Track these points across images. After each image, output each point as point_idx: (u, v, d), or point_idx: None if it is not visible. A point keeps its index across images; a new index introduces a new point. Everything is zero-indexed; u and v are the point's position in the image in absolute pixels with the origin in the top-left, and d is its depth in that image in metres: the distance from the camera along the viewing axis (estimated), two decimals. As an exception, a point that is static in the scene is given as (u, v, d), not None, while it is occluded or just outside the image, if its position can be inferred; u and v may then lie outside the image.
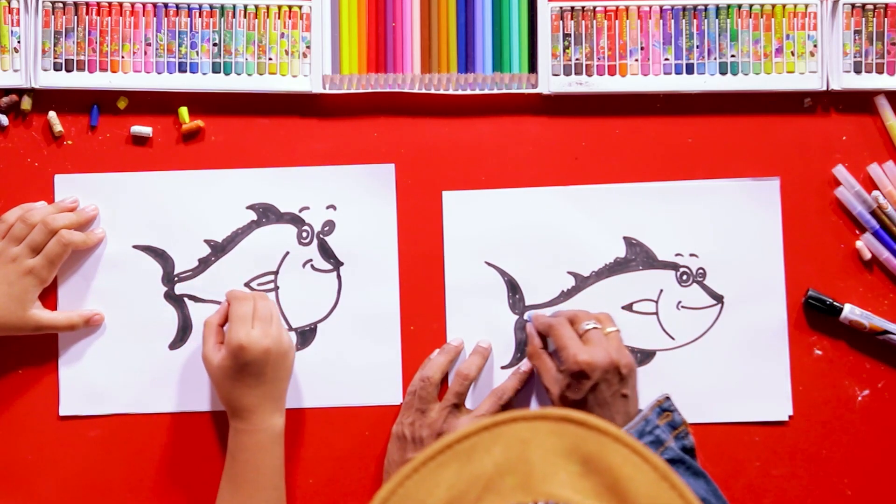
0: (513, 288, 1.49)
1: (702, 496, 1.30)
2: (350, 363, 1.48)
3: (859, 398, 1.48)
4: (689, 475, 1.32)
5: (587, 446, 0.90)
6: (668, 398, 1.37)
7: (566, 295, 1.49)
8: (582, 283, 1.49)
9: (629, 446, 0.90)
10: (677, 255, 1.49)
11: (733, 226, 1.49)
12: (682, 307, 1.49)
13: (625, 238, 1.49)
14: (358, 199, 1.49)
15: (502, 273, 1.49)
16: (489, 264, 1.49)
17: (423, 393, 1.43)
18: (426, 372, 1.45)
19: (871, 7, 1.49)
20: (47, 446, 1.47)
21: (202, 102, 1.49)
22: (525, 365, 1.47)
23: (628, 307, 1.49)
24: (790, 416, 1.47)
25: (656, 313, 1.49)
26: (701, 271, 1.49)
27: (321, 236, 1.49)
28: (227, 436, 1.43)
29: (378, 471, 1.46)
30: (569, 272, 1.49)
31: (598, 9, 1.49)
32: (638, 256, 1.49)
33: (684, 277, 1.49)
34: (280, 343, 1.38)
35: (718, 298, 1.49)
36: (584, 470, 0.89)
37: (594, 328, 1.38)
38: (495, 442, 0.91)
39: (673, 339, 1.49)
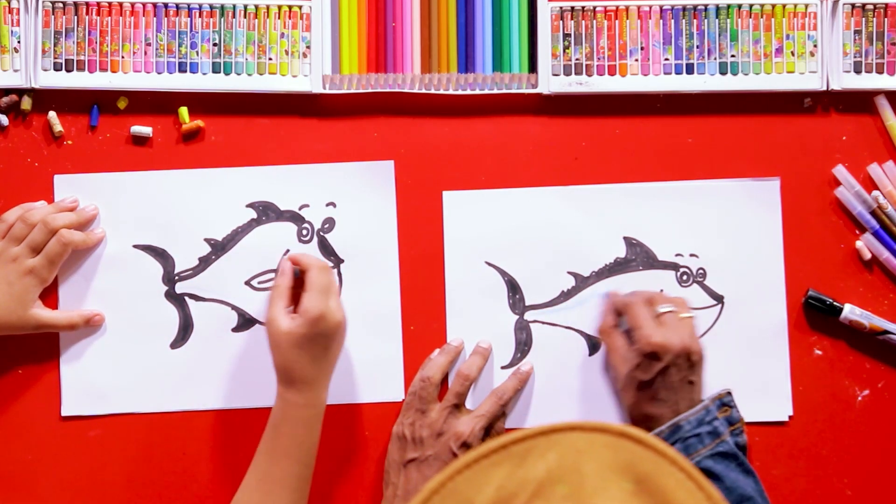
0: (513, 288, 1.49)
1: (749, 494, 1.32)
2: (352, 360, 1.48)
3: (859, 398, 1.48)
4: (740, 472, 1.34)
5: (643, 465, 0.90)
6: (729, 393, 1.39)
7: (566, 295, 1.49)
8: (582, 283, 1.49)
9: (685, 471, 0.89)
10: (677, 255, 1.50)
11: (733, 226, 1.49)
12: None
13: (625, 238, 1.50)
14: (358, 196, 1.49)
15: (502, 273, 1.49)
16: (489, 264, 1.49)
17: (424, 393, 1.44)
18: (426, 372, 1.45)
19: (871, 7, 1.49)
20: (48, 446, 1.47)
21: (202, 102, 1.49)
22: (526, 365, 1.48)
23: None
24: (790, 417, 1.47)
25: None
26: (701, 271, 1.49)
27: (321, 234, 1.49)
28: (230, 433, 1.45)
29: (379, 470, 1.47)
30: (569, 272, 1.49)
31: (598, 9, 1.49)
32: (638, 256, 1.49)
33: (684, 278, 1.49)
34: (345, 320, 1.39)
35: (718, 299, 1.49)
36: (637, 489, 0.88)
37: (670, 311, 1.39)
38: (551, 448, 0.91)
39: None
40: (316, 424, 1.38)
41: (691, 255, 1.50)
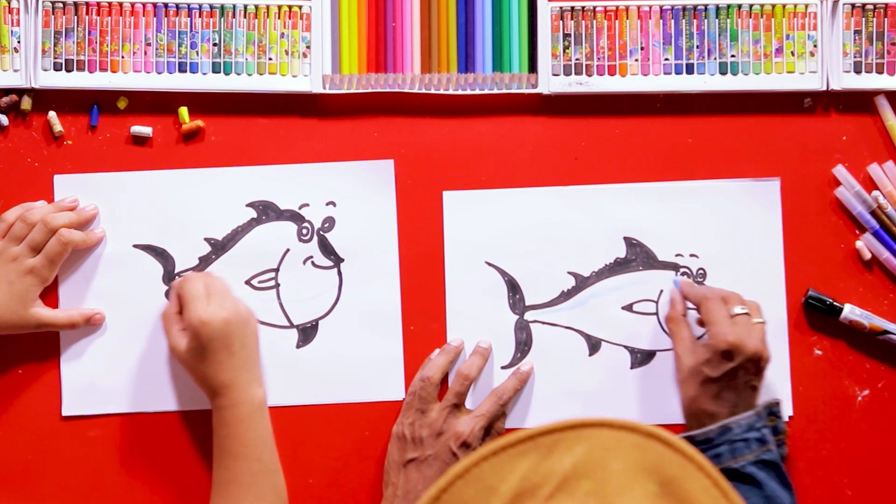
0: (513, 288, 1.49)
1: None
2: (352, 359, 1.49)
3: (859, 398, 1.49)
4: (779, 483, 1.34)
5: (669, 468, 0.89)
6: (778, 403, 1.39)
7: (566, 295, 1.50)
8: (582, 283, 1.50)
9: (711, 477, 0.89)
10: (677, 255, 1.50)
11: (734, 226, 1.50)
12: (683, 278, 1.50)
13: (625, 238, 1.50)
14: (358, 195, 1.50)
15: (502, 273, 1.50)
16: (489, 264, 1.50)
17: (423, 393, 1.44)
18: (426, 372, 1.46)
19: (871, 7, 1.49)
20: (48, 446, 1.47)
21: (202, 102, 1.50)
22: (526, 365, 1.48)
23: (628, 307, 1.50)
24: (790, 417, 1.48)
25: (656, 314, 1.50)
26: (701, 272, 1.50)
27: (321, 233, 1.50)
28: None
29: (379, 470, 1.47)
30: (569, 272, 1.50)
31: (598, 9, 1.50)
32: (638, 257, 1.50)
33: (685, 278, 1.50)
34: (238, 312, 1.40)
35: None
36: (662, 491, 0.88)
37: (745, 314, 1.39)
38: (579, 442, 0.91)
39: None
40: (253, 420, 1.39)
41: (691, 255, 1.50)
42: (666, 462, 0.89)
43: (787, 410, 1.47)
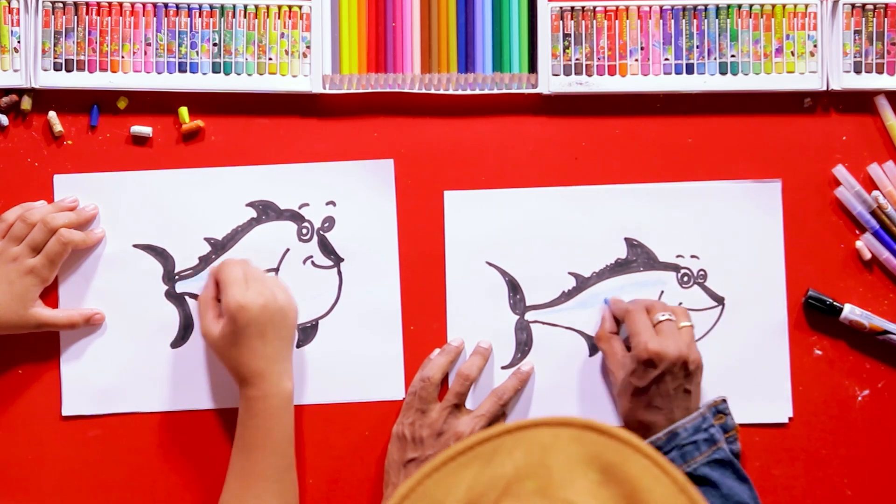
0: (513, 288, 1.50)
1: (745, 501, 1.34)
2: (352, 359, 1.49)
3: (859, 398, 1.49)
4: (735, 479, 1.35)
5: (608, 455, 0.91)
6: (724, 401, 1.40)
7: (567, 295, 1.50)
8: (583, 283, 1.50)
9: (649, 457, 0.91)
10: (678, 256, 1.51)
11: (734, 228, 1.50)
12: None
13: (626, 239, 1.50)
14: (357, 194, 1.50)
15: (503, 273, 1.50)
16: (490, 264, 1.50)
17: (424, 393, 1.45)
18: (426, 372, 1.46)
19: (871, 7, 1.50)
20: (48, 446, 1.48)
21: (202, 102, 1.50)
22: (526, 365, 1.48)
23: None
24: (790, 418, 1.48)
25: None
26: (702, 273, 1.50)
27: (321, 232, 1.50)
28: (231, 432, 1.45)
29: (379, 470, 1.47)
30: (570, 273, 1.50)
31: (598, 9, 1.50)
32: (639, 257, 1.50)
33: (685, 279, 1.50)
34: (276, 300, 1.39)
35: (719, 300, 1.50)
36: (604, 479, 0.90)
37: (668, 320, 1.40)
38: (517, 446, 0.93)
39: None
40: (282, 413, 1.38)
41: (692, 256, 1.50)
42: (604, 450, 0.92)
43: (786, 407, 1.48)
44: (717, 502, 1.33)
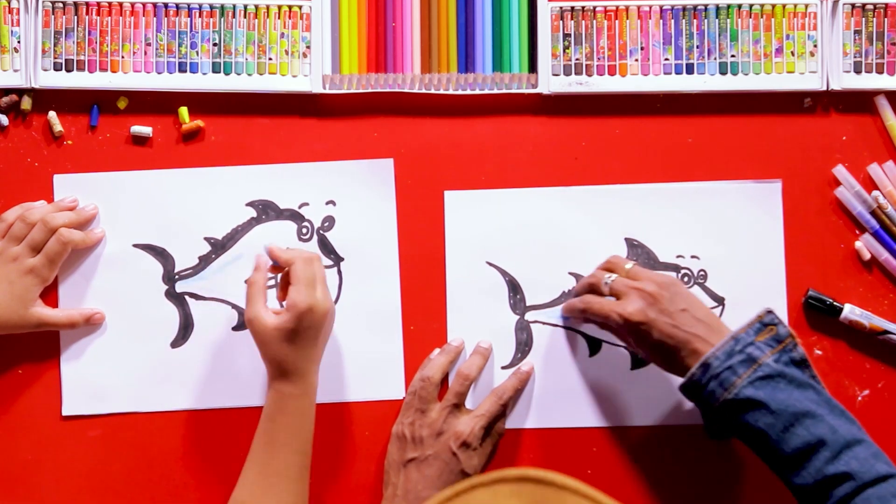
0: (513, 288, 1.50)
1: (804, 409, 1.27)
2: (352, 358, 1.50)
3: (859, 398, 1.49)
4: (792, 387, 1.29)
5: (548, 503, 0.92)
6: (769, 312, 1.34)
7: (567, 295, 1.50)
8: None
9: (588, 497, 0.91)
10: (678, 256, 1.51)
11: (735, 228, 1.51)
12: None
13: (626, 239, 1.51)
14: (357, 194, 1.51)
15: (503, 273, 1.50)
16: (490, 264, 1.50)
17: (424, 393, 1.45)
18: (426, 372, 1.46)
19: (871, 7, 1.50)
20: (48, 446, 1.48)
21: (202, 102, 1.51)
22: (526, 365, 1.49)
23: None
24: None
25: None
26: (702, 273, 1.50)
27: (321, 232, 1.51)
28: (231, 431, 1.46)
29: (379, 470, 1.48)
30: (570, 273, 1.51)
31: (598, 9, 1.51)
32: (639, 258, 1.50)
33: (685, 279, 1.50)
34: (333, 306, 1.40)
35: (720, 300, 1.50)
36: None
37: (613, 279, 1.40)
38: None
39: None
40: (310, 412, 1.39)
41: (692, 256, 1.51)
42: (542, 499, 0.92)
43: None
44: (768, 420, 1.28)
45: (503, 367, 1.50)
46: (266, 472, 1.37)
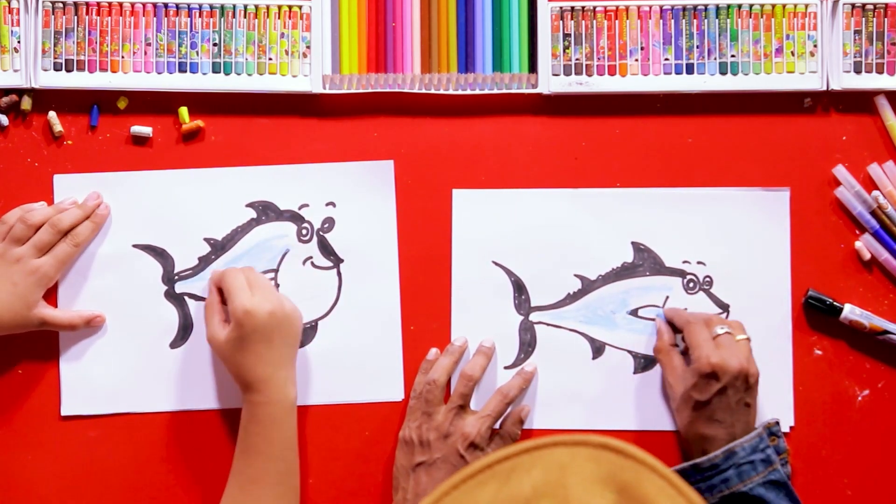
0: (519, 288, 1.53)
1: None
2: (352, 360, 1.52)
3: (859, 398, 1.51)
4: (788, 500, 1.39)
5: (624, 475, 0.93)
6: (777, 423, 1.45)
7: (572, 297, 1.53)
8: (588, 286, 1.53)
9: (665, 478, 0.93)
10: (685, 262, 1.53)
11: (742, 236, 1.53)
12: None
13: (633, 243, 1.53)
14: (357, 195, 1.52)
15: (509, 273, 1.53)
16: (496, 264, 1.53)
17: (430, 396, 1.47)
18: (431, 375, 1.48)
19: (871, 7, 1.52)
20: (48, 446, 1.50)
21: (202, 102, 1.53)
22: (530, 365, 1.51)
23: (634, 312, 1.53)
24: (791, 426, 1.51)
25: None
26: (708, 279, 1.53)
27: (321, 233, 1.53)
28: (230, 432, 1.48)
29: (378, 470, 1.50)
30: (576, 275, 1.53)
31: (598, 9, 1.52)
32: (645, 262, 1.53)
33: (691, 285, 1.53)
34: (282, 306, 1.42)
35: (724, 307, 1.53)
36: (620, 498, 0.92)
37: (727, 333, 1.43)
38: (535, 465, 0.95)
39: (677, 346, 1.51)
40: (285, 419, 1.41)
41: (698, 262, 1.53)
42: (620, 469, 0.94)
43: (788, 416, 1.50)
44: None
45: (506, 368, 1.53)
46: (243, 481, 1.41)
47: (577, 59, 1.53)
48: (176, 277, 1.53)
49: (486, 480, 0.96)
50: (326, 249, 1.54)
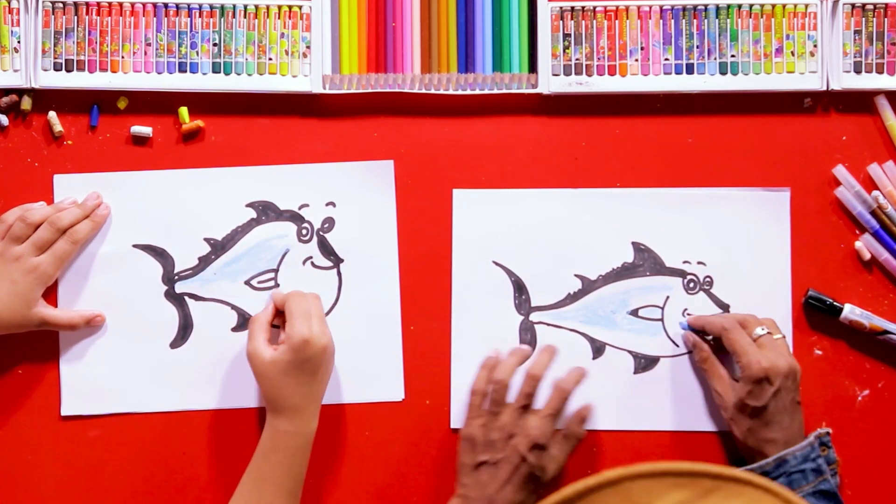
0: (519, 288, 1.53)
1: None
2: (352, 359, 1.52)
3: (859, 398, 1.52)
4: None
5: None
6: (828, 433, 1.44)
7: (573, 297, 1.53)
8: (589, 286, 1.54)
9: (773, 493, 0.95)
10: (685, 262, 1.54)
11: (742, 236, 1.54)
12: (688, 315, 1.53)
13: (633, 243, 1.54)
14: (357, 195, 1.53)
15: (509, 273, 1.53)
16: (497, 264, 1.54)
17: (496, 395, 1.46)
18: (498, 375, 1.47)
19: (871, 7, 1.52)
20: (48, 446, 1.51)
21: (202, 102, 1.54)
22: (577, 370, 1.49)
23: (634, 312, 1.54)
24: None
25: (661, 319, 1.54)
26: (708, 280, 1.53)
27: (321, 233, 1.53)
28: (230, 432, 1.49)
29: (379, 470, 1.51)
30: (576, 275, 1.54)
31: (598, 9, 1.53)
32: (646, 262, 1.54)
33: (691, 285, 1.53)
34: (332, 344, 1.43)
35: (725, 307, 1.54)
36: None
37: (767, 333, 1.44)
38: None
39: (677, 346, 1.53)
40: (305, 452, 1.42)
41: (699, 262, 1.54)
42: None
43: None
44: None
45: (509, 368, 1.52)
46: None
47: (577, 59, 1.54)
48: (176, 277, 1.54)
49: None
50: (326, 249, 1.54)
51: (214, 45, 1.54)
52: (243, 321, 1.53)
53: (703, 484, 0.97)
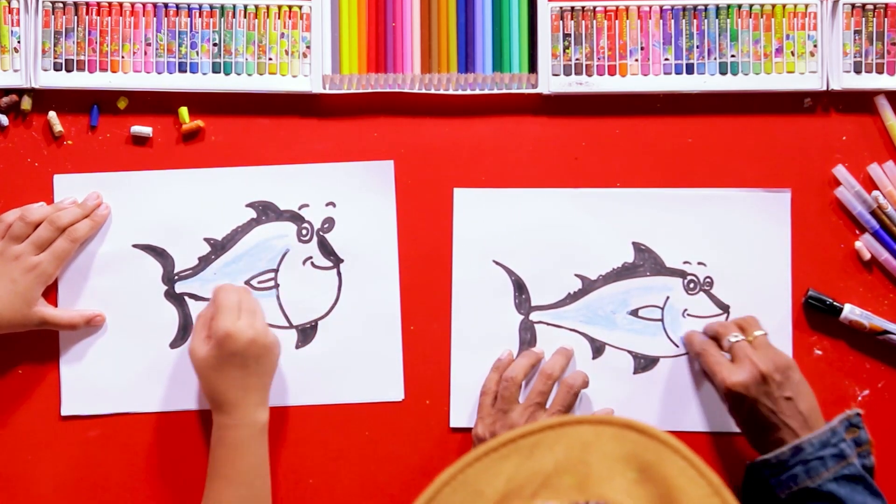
0: (519, 288, 1.54)
1: None
2: (351, 360, 1.53)
3: (859, 398, 1.52)
4: (867, 494, 1.37)
5: (646, 455, 0.96)
6: (858, 414, 1.42)
7: (573, 297, 1.54)
8: (589, 286, 1.54)
9: (686, 458, 0.95)
10: (685, 262, 1.55)
11: (742, 237, 1.54)
12: (688, 315, 1.54)
13: (633, 243, 1.55)
14: (357, 195, 1.54)
15: (510, 272, 1.54)
16: (497, 263, 1.54)
17: (507, 393, 1.46)
18: (510, 373, 1.48)
19: (871, 7, 1.53)
20: (48, 446, 1.51)
21: (202, 102, 1.54)
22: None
23: (634, 312, 1.55)
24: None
25: (661, 320, 1.55)
26: (708, 280, 1.54)
27: (321, 233, 1.54)
28: None
29: (379, 470, 1.52)
30: (576, 274, 1.54)
31: (598, 9, 1.54)
32: (646, 262, 1.54)
33: (691, 286, 1.54)
34: (265, 336, 1.43)
35: (725, 308, 1.54)
36: (641, 477, 0.95)
37: (737, 340, 1.44)
38: (558, 441, 0.97)
39: (677, 346, 1.54)
40: (250, 444, 1.42)
41: (699, 263, 1.54)
42: (642, 449, 0.96)
43: None
44: None
45: (507, 367, 1.52)
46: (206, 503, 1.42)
47: (577, 59, 1.55)
48: (176, 277, 1.54)
49: (510, 454, 0.97)
50: (326, 249, 1.55)
51: (214, 45, 1.54)
52: None
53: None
